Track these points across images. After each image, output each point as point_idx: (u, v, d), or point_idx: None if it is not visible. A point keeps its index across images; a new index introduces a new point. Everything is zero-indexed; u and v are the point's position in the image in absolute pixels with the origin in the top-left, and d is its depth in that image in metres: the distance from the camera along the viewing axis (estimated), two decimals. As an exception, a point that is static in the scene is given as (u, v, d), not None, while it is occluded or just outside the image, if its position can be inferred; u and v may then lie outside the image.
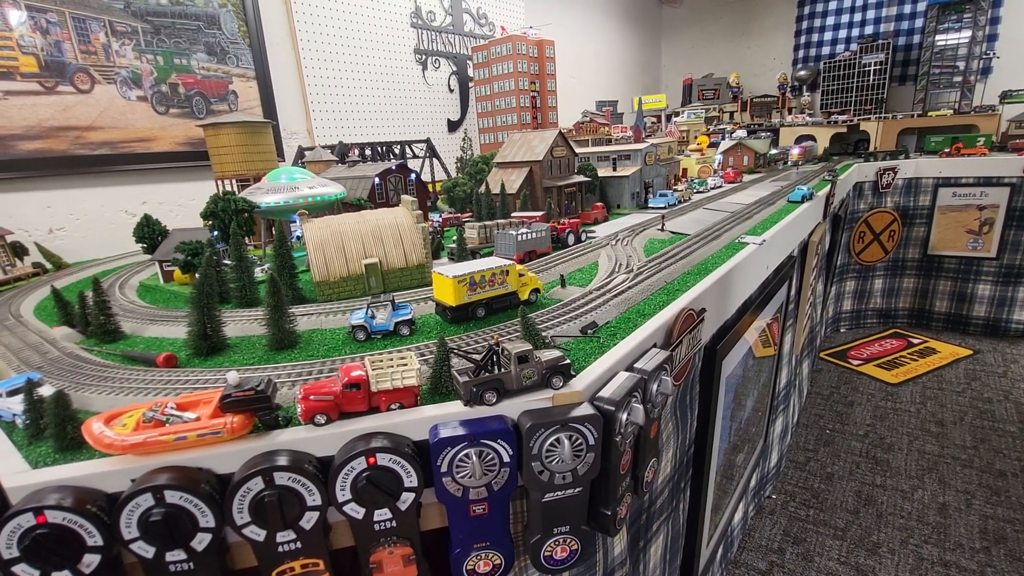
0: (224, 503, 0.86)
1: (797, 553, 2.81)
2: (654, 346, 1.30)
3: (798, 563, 2.75)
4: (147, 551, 0.85)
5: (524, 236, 2.04)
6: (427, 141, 4.28)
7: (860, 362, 4.91)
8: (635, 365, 1.17)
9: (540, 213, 2.49)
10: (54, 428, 0.94)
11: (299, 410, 0.94)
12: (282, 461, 0.87)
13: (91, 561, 0.83)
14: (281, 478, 0.86)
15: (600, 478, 1.05)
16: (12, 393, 1.07)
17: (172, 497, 0.83)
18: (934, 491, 3.19)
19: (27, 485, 0.85)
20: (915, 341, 5.29)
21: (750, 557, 2.81)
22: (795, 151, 5.31)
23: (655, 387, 1.15)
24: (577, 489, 1.03)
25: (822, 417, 4.06)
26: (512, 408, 1.00)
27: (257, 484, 0.86)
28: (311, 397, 0.94)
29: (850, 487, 3.28)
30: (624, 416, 1.03)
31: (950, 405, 4.11)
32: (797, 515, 3.08)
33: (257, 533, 0.89)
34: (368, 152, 3.83)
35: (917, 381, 4.52)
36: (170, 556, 0.86)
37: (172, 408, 0.92)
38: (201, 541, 0.86)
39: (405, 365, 1.00)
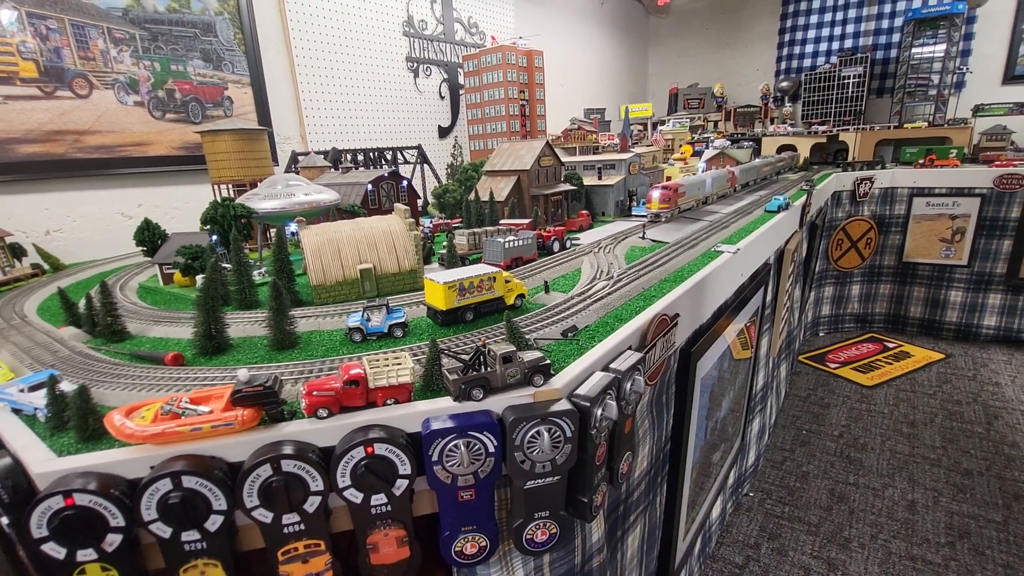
0: (235, 488, 0.95)
1: (772, 548, 2.93)
2: (629, 348, 1.40)
3: (773, 557, 2.87)
4: (164, 531, 0.94)
5: (511, 243, 2.13)
6: (418, 147, 4.37)
7: (837, 365, 5.07)
8: (611, 365, 1.28)
9: (527, 221, 2.58)
10: (77, 420, 1.02)
11: (303, 404, 1.03)
12: (288, 450, 0.97)
13: (113, 540, 0.92)
14: (287, 465, 0.96)
15: (577, 468, 1.15)
16: (33, 388, 1.15)
17: (189, 482, 0.92)
18: (904, 489, 3.33)
19: (53, 471, 0.94)
20: (890, 345, 5.47)
21: (727, 551, 2.92)
22: (654, 195, 2.78)
23: (628, 386, 1.26)
24: (556, 477, 1.13)
25: (799, 418, 4.20)
26: (497, 404, 1.09)
27: (265, 471, 0.95)
28: (314, 392, 1.03)
29: (824, 485, 3.41)
30: (599, 411, 1.13)
31: (922, 407, 4.27)
32: (773, 512, 3.20)
33: (265, 515, 0.98)
34: (360, 158, 3.90)
35: (891, 384, 4.68)
36: (185, 536, 0.95)
37: (187, 402, 1.01)
38: (214, 522, 0.95)
39: (400, 364, 1.10)
